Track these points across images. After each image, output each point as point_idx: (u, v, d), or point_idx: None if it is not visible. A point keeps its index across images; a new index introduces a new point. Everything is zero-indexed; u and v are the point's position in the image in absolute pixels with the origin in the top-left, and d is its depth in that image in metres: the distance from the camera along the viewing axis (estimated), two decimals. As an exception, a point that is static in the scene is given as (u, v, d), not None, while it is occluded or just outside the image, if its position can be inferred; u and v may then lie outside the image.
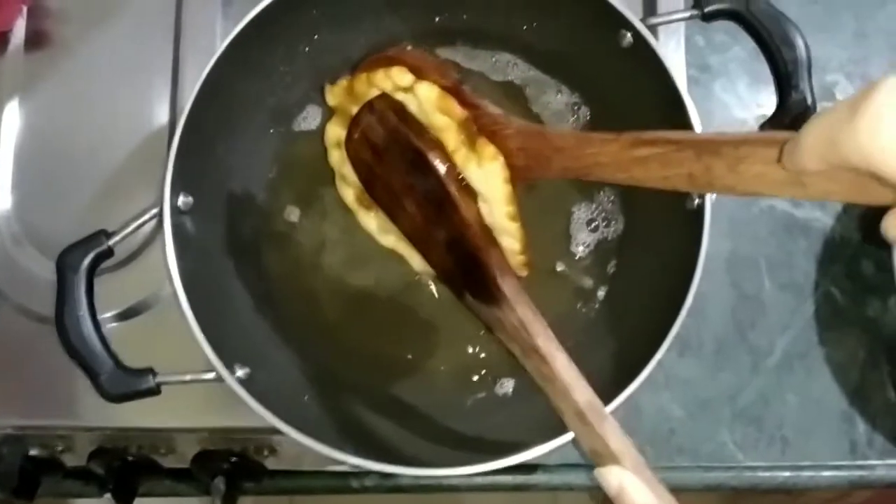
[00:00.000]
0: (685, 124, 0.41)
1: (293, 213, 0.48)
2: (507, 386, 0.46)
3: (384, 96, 0.40)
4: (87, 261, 0.39)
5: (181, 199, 0.41)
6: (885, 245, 0.25)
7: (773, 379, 0.53)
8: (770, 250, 0.55)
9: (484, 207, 0.39)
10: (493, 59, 0.48)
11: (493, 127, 0.38)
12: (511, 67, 0.48)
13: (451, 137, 0.38)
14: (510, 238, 0.40)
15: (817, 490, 0.53)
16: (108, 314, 0.49)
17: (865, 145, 0.23)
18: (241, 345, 0.42)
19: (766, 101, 0.57)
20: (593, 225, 0.47)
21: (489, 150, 0.37)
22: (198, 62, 0.51)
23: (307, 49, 0.46)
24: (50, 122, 0.54)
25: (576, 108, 0.48)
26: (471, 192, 0.39)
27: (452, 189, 0.38)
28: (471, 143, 0.38)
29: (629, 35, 0.41)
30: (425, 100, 0.38)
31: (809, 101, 0.38)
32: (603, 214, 0.47)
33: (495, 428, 0.43)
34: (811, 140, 0.25)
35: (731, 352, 0.54)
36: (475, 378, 0.46)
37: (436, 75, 0.38)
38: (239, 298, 0.44)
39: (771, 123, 0.40)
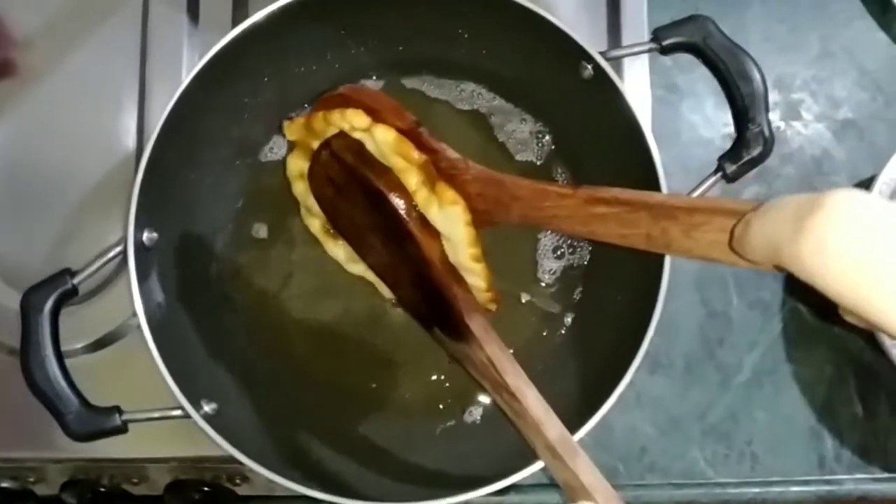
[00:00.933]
0: (645, 153, 0.41)
1: (260, 244, 0.48)
2: (475, 413, 0.46)
3: (342, 135, 0.40)
4: (50, 301, 0.39)
5: (146, 235, 0.41)
6: (842, 323, 0.25)
7: (741, 396, 0.54)
8: (738, 268, 0.55)
9: (448, 247, 0.39)
10: (459, 89, 0.48)
11: (452, 171, 0.38)
12: (476, 97, 0.48)
13: (411, 179, 0.38)
14: (475, 277, 0.40)
15: (786, 505, 0.54)
16: (76, 346, 0.49)
17: (807, 265, 0.22)
18: (209, 379, 0.42)
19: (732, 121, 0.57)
20: (559, 252, 0.48)
21: (449, 194, 0.38)
22: (164, 90, 0.51)
23: (272, 81, 0.46)
24: (17, 151, 0.53)
25: (540, 136, 0.48)
26: (433, 231, 0.39)
27: (413, 229, 0.39)
28: (431, 186, 0.38)
29: (590, 67, 0.41)
30: (382, 142, 0.38)
31: (767, 133, 0.39)
32: (569, 242, 0.48)
33: (465, 457, 0.43)
34: (756, 240, 0.24)
35: (701, 369, 0.54)
36: (442, 406, 0.46)
37: (392, 118, 0.38)
38: (207, 333, 0.44)
39: (729, 157, 0.40)
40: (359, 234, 0.42)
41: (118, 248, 0.41)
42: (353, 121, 0.38)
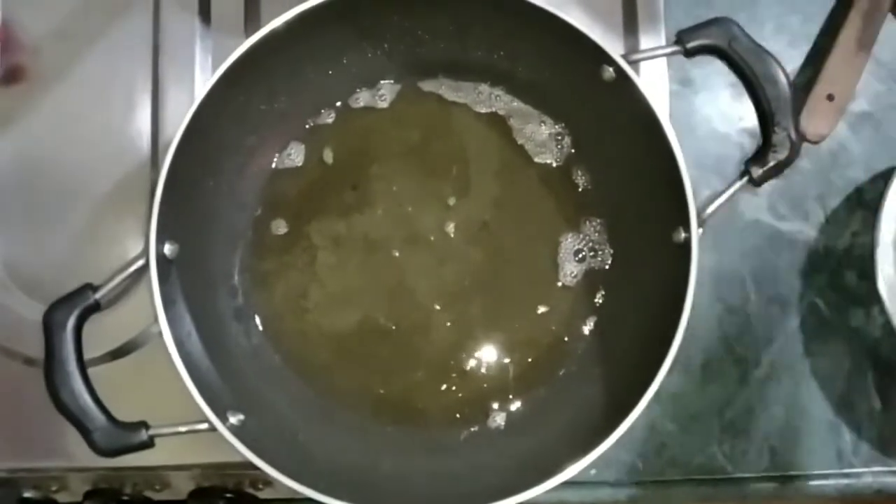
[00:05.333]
0: (668, 154, 0.41)
1: (280, 252, 0.48)
2: (499, 420, 0.46)
3: None
4: (73, 317, 0.39)
5: (167, 248, 0.41)
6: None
7: (760, 391, 0.54)
8: (755, 263, 0.55)
9: None
10: (477, 91, 0.48)
11: None
12: (494, 99, 0.48)
13: None
14: None
15: (805, 499, 0.55)
16: (96, 355, 0.48)
17: None
18: (234, 390, 0.42)
19: (748, 115, 0.56)
20: (581, 255, 0.47)
21: None
22: (177, 93, 0.50)
23: (288, 87, 0.46)
24: (29, 158, 0.53)
25: (559, 138, 0.48)
26: None
27: None
28: None
29: (611, 70, 0.41)
30: None
31: (794, 137, 0.38)
32: (590, 245, 0.47)
33: (488, 465, 0.43)
34: None
35: (719, 365, 0.54)
36: (459, 416, 0.46)
37: None
38: (230, 343, 0.44)
39: (755, 160, 0.40)
40: None
41: (140, 262, 0.41)
42: None
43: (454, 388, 0.46)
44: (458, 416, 0.45)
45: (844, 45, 0.52)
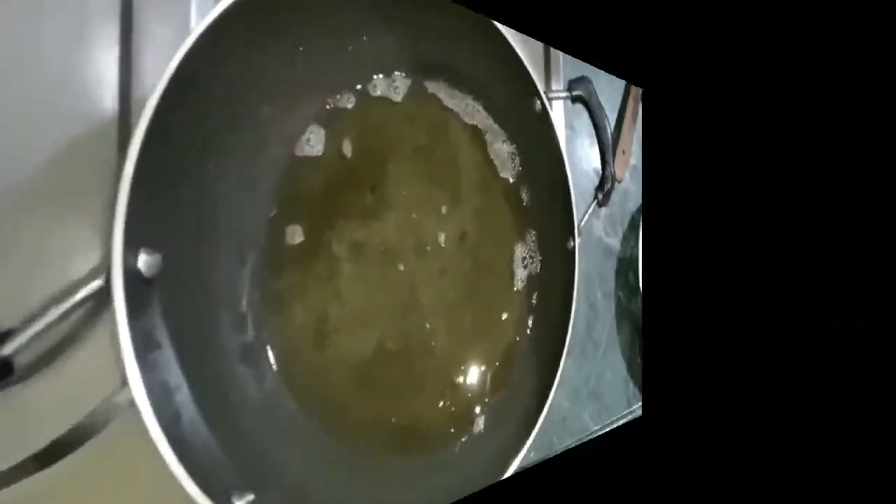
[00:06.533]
0: (564, 184, 0.48)
1: (299, 266, 0.38)
2: (480, 424, 0.47)
3: None
4: None
5: (143, 260, 0.28)
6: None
7: (603, 362, 0.67)
8: (599, 269, 0.68)
9: None
10: (465, 103, 0.48)
11: None
12: (475, 112, 0.49)
13: None
14: None
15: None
16: (13, 461, 0.28)
17: None
18: (240, 462, 0.32)
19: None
20: (525, 262, 0.52)
21: None
22: (160, 28, 0.33)
23: (307, 53, 0.37)
24: None
25: (513, 157, 0.51)
26: None
27: None
28: None
29: (538, 103, 0.45)
30: None
31: (612, 173, 0.56)
32: (530, 252, 0.52)
33: (476, 471, 0.43)
34: None
35: (583, 347, 0.65)
36: (453, 430, 0.46)
37: None
38: (236, 395, 0.33)
39: (599, 188, 0.58)
40: None
41: (95, 284, 0.27)
42: None
43: (448, 402, 0.45)
44: (452, 430, 0.45)
45: (629, 119, 0.68)
